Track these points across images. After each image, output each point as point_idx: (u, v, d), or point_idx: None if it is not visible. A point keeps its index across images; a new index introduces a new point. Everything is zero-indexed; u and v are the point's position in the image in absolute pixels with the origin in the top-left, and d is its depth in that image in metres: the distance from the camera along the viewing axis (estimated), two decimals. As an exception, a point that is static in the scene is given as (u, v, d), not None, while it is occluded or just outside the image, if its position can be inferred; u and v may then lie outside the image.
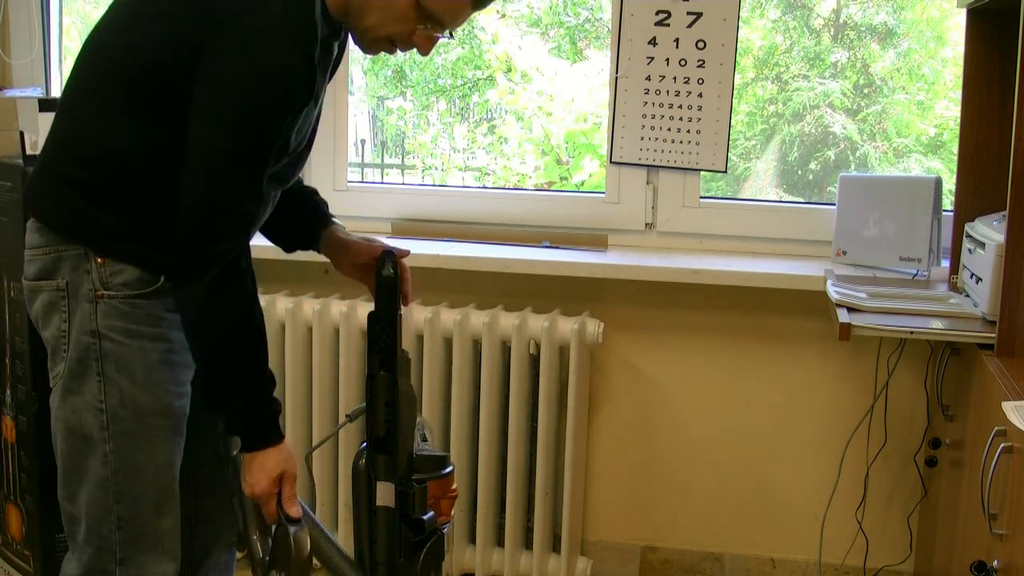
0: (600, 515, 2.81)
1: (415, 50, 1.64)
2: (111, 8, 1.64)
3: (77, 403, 1.60)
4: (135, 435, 1.61)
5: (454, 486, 1.79)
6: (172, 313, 1.62)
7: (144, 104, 1.54)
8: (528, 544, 2.71)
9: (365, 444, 1.75)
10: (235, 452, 1.61)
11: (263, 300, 2.67)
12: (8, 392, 2.52)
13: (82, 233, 1.58)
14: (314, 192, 1.91)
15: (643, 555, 2.80)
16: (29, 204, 1.67)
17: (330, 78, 1.71)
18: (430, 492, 1.73)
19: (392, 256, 1.78)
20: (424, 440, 1.80)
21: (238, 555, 1.86)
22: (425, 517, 1.72)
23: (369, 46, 1.64)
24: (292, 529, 1.61)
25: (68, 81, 1.64)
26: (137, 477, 1.61)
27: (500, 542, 2.71)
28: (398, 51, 1.65)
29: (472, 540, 2.71)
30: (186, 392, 1.67)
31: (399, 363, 1.73)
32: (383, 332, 1.73)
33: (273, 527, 1.64)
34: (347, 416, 1.84)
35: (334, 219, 1.89)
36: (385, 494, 1.71)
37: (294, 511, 1.62)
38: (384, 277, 1.76)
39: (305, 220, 1.87)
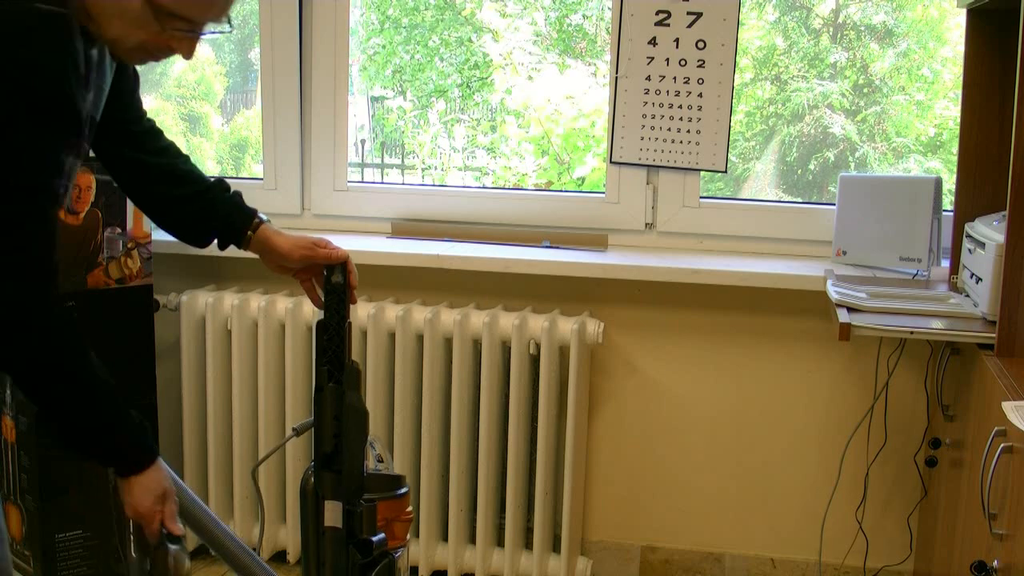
0: (600, 515, 2.82)
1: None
2: None
3: None
4: None
5: (408, 509, 1.72)
6: None
7: None
8: (528, 544, 2.71)
9: (313, 462, 1.68)
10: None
11: (263, 300, 2.68)
12: (8, 392, 2.52)
13: None
14: (227, 187, 1.79)
15: (643, 555, 2.80)
16: None
17: (111, 80, 1.57)
18: (382, 514, 1.67)
19: (343, 264, 1.70)
20: (380, 461, 1.74)
21: None
22: (375, 539, 1.64)
23: (127, 58, 1.50)
24: (172, 548, 1.58)
25: None
26: None
27: (500, 542, 2.71)
28: (162, 58, 1.50)
29: (472, 540, 2.71)
30: None
31: (347, 375, 1.65)
32: (331, 342, 1.65)
33: (152, 547, 1.60)
34: (293, 430, 1.77)
35: (260, 215, 1.78)
36: (333, 514, 1.64)
37: (177, 528, 1.60)
38: (333, 284, 1.69)
39: (224, 217, 1.76)
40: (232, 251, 2.69)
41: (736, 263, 2.59)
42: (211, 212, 1.74)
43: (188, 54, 1.46)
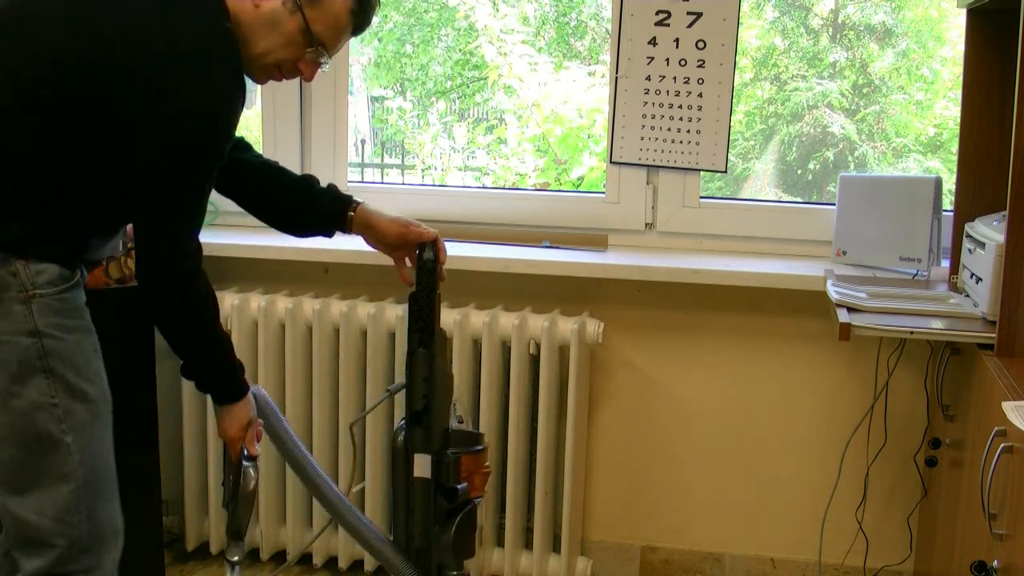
0: (600, 515, 2.82)
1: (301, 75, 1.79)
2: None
3: (22, 405, 1.62)
4: (88, 425, 1.68)
5: (487, 463, 1.91)
6: (86, 305, 1.73)
7: (48, 117, 1.59)
8: (528, 544, 2.71)
9: (403, 421, 1.88)
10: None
11: (263, 300, 2.68)
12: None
13: None
14: (317, 179, 2.01)
15: (643, 555, 2.80)
16: None
17: None
18: (464, 466, 1.86)
19: (434, 242, 1.89)
20: (460, 421, 1.91)
21: None
22: (459, 487, 1.85)
23: (258, 74, 1.76)
24: (246, 464, 1.85)
25: None
26: (96, 466, 1.69)
27: (500, 542, 2.70)
28: (285, 78, 1.79)
29: (472, 540, 2.71)
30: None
31: (436, 341, 1.84)
32: (422, 312, 1.84)
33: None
34: (387, 390, 2.00)
35: (354, 197, 1.98)
36: (422, 466, 1.84)
37: (254, 450, 1.87)
38: (425, 261, 1.87)
39: (326, 203, 1.96)
40: (234, 251, 2.68)
41: (736, 263, 2.59)
42: (312, 199, 1.95)
43: (311, 77, 1.78)
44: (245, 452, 1.86)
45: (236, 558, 1.90)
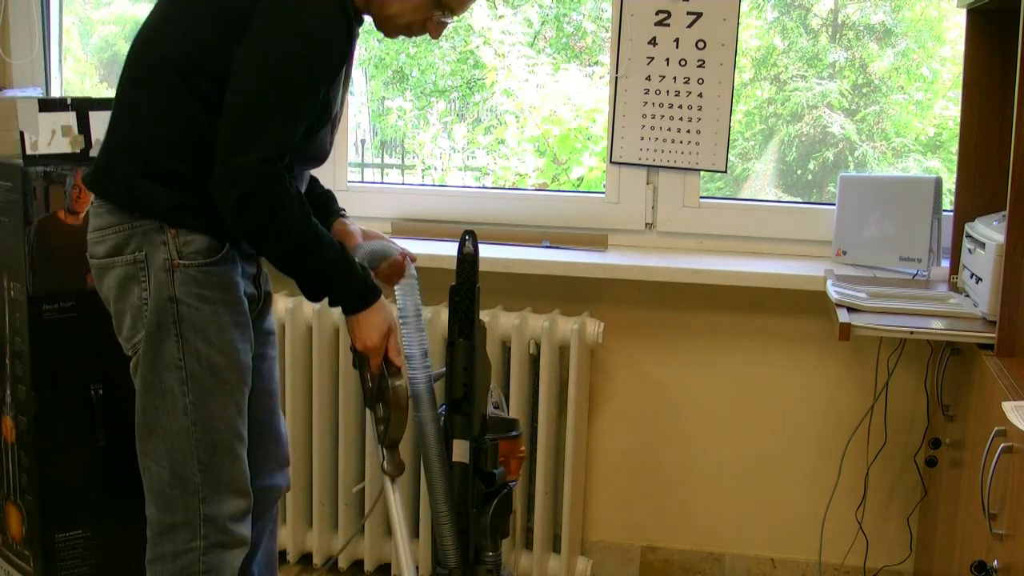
0: (600, 515, 2.82)
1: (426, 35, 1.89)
2: (157, 7, 1.84)
3: (156, 363, 1.77)
4: (211, 389, 1.79)
5: (522, 448, 1.97)
6: (243, 278, 1.83)
7: (202, 98, 1.72)
8: (528, 544, 2.71)
9: (444, 407, 1.94)
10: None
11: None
12: (8, 392, 2.52)
13: (155, 209, 1.75)
14: (318, 183, 2.06)
15: (643, 555, 2.80)
16: (97, 189, 1.82)
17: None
18: (500, 451, 1.92)
19: (473, 235, 1.92)
20: (496, 408, 1.96)
21: None
22: (496, 472, 1.91)
23: (389, 32, 1.87)
24: (392, 382, 1.82)
25: (123, 80, 1.82)
26: (214, 426, 1.79)
27: (500, 542, 2.70)
28: (414, 35, 1.90)
29: (472, 540, 2.71)
30: (252, 345, 1.85)
31: (476, 332, 1.90)
32: (462, 303, 1.91)
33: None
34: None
35: (343, 211, 2.06)
36: (460, 451, 1.90)
37: (399, 361, 1.86)
38: (464, 254, 1.92)
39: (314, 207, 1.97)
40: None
41: (736, 263, 2.59)
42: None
43: (437, 36, 1.89)
44: (388, 365, 1.82)
45: (389, 469, 1.90)
